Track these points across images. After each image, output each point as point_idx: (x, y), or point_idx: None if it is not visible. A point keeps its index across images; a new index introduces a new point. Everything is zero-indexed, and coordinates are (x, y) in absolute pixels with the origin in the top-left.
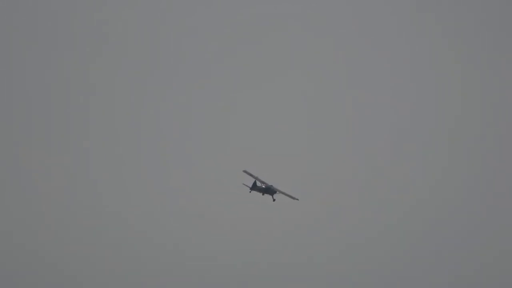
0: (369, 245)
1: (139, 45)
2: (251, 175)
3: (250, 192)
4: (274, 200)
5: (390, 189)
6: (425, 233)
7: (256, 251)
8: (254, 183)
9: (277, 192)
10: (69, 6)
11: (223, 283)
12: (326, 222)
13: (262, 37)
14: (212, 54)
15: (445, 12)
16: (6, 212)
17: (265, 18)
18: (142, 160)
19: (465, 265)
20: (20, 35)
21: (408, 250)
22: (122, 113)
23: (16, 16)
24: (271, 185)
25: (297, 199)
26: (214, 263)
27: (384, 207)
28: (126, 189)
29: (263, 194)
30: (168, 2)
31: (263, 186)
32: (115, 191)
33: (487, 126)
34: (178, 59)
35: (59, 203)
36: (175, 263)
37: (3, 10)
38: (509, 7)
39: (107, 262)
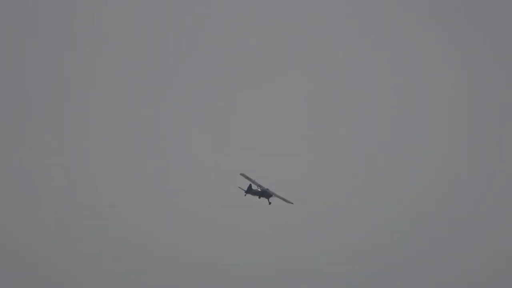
0: (370, 245)
1: (139, 45)
2: (248, 178)
3: (245, 195)
4: (270, 203)
5: (390, 189)
6: (425, 233)
7: (257, 252)
8: (249, 187)
9: (273, 196)
10: (69, 6)
11: (224, 283)
12: (326, 223)
13: (262, 37)
14: (212, 54)
15: (445, 12)
16: (5, 212)
17: (265, 18)
18: (142, 160)
19: (465, 265)
20: (20, 34)
21: (408, 250)
22: (122, 113)
23: (15, 16)
24: (267, 189)
25: (292, 203)
26: (214, 264)
27: (384, 207)
28: (126, 189)
29: (259, 197)
30: (168, 2)
31: (259, 190)
32: (115, 191)
33: (488, 125)
34: (178, 59)
35: (59, 203)
36: (174, 263)
37: (2, 10)
38: (510, 7)
39: (106, 262)
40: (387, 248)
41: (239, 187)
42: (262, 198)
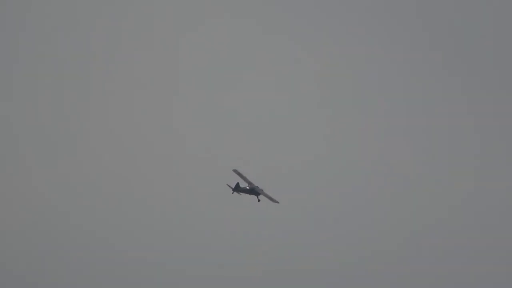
0: (370, 246)
1: (138, 45)
2: (240, 175)
3: (232, 193)
4: (259, 200)
5: (390, 189)
6: (425, 233)
7: (256, 252)
8: (237, 185)
9: (261, 194)
10: (69, 5)
11: (224, 282)
12: (326, 223)
13: (262, 37)
14: (212, 54)
15: (446, 13)
16: (5, 212)
17: (265, 18)
18: (141, 160)
19: (465, 265)
20: (19, 34)
21: (408, 250)
22: (121, 113)
23: (14, 15)
24: (257, 186)
25: (278, 202)
26: (213, 264)
27: (385, 207)
28: (125, 189)
29: (250, 195)
30: (168, 2)
31: (247, 188)
32: (114, 191)
33: (490, 124)
34: (178, 59)
35: (56, 202)
36: (174, 263)
37: (2, 9)
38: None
39: (106, 262)
40: (387, 248)
41: (228, 185)
42: (252, 196)
